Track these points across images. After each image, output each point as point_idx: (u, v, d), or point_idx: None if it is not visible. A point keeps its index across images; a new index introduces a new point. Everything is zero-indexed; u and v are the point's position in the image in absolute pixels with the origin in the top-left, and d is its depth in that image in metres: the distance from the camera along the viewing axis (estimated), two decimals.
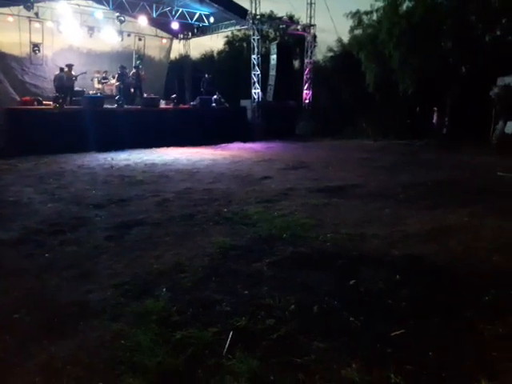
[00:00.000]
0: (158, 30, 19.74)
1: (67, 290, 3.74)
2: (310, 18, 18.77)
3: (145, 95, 16.35)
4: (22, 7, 14.60)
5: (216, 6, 16.64)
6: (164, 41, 20.50)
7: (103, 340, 2.99)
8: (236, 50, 27.36)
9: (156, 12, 16.46)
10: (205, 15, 17.63)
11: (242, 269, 4.21)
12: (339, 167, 10.54)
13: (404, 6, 17.46)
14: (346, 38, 21.06)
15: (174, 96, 17.49)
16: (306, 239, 5.01)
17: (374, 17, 18.46)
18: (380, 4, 17.74)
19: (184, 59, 22.49)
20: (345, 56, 20.64)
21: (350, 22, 19.02)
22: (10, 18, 15.29)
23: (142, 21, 16.53)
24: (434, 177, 8.99)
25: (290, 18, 25.17)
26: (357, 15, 18.69)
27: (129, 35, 18.26)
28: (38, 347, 2.92)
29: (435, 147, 14.55)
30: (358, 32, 19.17)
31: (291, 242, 4.88)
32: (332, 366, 2.68)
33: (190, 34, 21.06)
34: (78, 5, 15.87)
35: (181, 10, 16.88)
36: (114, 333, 3.07)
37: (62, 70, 14.73)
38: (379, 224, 5.68)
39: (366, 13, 18.56)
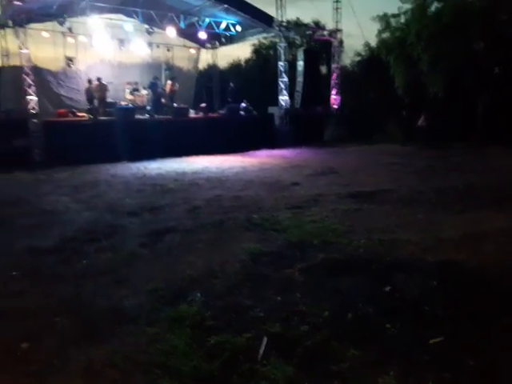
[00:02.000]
0: (186, 41, 20.08)
1: (103, 296, 3.84)
2: (337, 23, 18.68)
3: (175, 105, 16.65)
4: (56, 23, 15.16)
5: (242, 14, 16.81)
6: (192, 51, 20.83)
7: (139, 344, 3.05)
8: (263, 58, 27.52)
9: (184, 23, 16.77)
10: (231, 24, 17.83)
11: (273, 275, 4.20)
12: (369, 172, 10.41)
13: (432, 8, 17.17)
14: (373, 42, 20.88)
15: (202, 105, 17.73)
16: (337, 245, 4.96)
17: (402, 19, 18.21)
18: (408, 6, 17.51)
19: (212, 69, 22.78)
20: (372, 60, 20.42)
21: (377, 26, 18.83)
22: (45, 34, 15.89)
23: (171, 32, 16.86)
24: (467, 181, 8.74)
25: (316, 23, 25.18)
26: (384, 18, 18.48)
27: (158, 46, 18.65)
28: (76, 350, 3.00)
29: (465, 151, 14.16)
30: (385, 35, 18.94)
31: (323, 248, 4.84)
32: (368, 374, 2.64)
33: (217, 43, 21.32)
34: (110, 18, 16.35)
35: (208, 19, 17.13)
36: (149, 337, 3.12)
37: (90, 82, 15.20)
38: (412, 229, 5.56)
39: (394, 16, 18.33)
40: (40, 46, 15.45)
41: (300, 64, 18.74)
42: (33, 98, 12.90)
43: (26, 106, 12.87)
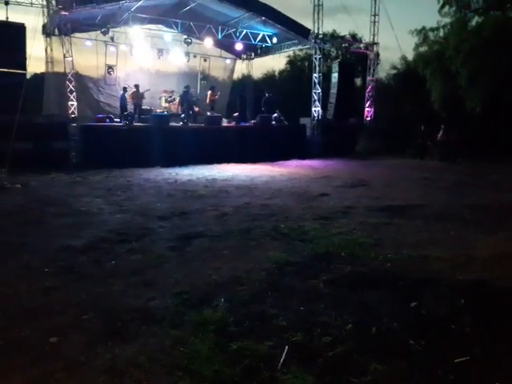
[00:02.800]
0: (223, 51, 20.47)
1: (131, 296, 3.93)
2: (374, 36, 18.61)
3: (208, 113, 16.95)
4: (99, 32, 15.79)
5: (279, 26, 17.00)
6: (228, 61, 21.20)
7: (163, 346, 3.10)
8: (297, 69, 27.68)
9: (221, 34, 17.11)
10: (268, 36, 18.05)
11: (298, 285, 4.20)
12: (401, 186, 10.24)
13: (473, 22, 16.88)
14: (409, 56, 20.65)
15: (235, 114, 17.97)
16: (365, 259, 4.90)
17: (441, 33, 17.99)
18: (447, 20, 17.29)
19: (246, 79, 23.09)
20: (408, 73, 20.18)
21: (414, 39, 18.67)
22: (89, 43, 16.57)
23: (208, 42, 17.25)
24: (502, 199, 8.46)
25: (353, 36, 25.16)
26: (422, 32, 18.30)
27: (195, 56, 19.13)
28: (103, 348, 3.09)
29: (505, 168, 13.70)
30: (423, 49, 18.73)
31: (349, 261, 4.80)
32: None
33: (252, 54, 21.63)
34: (150, 29, 16.90)
35: (245, 31, 17.42)
36: (173, 340, 3.17)
37: (125, 89, 15.68)
38: (443, 246, 5.44)
39: (432, 29, 18.13)
40: (82, 54, 16.12)
41: (334, 76, 18.73)
42: (73, 104, 13.43)
43: (67, 111, 13.41)
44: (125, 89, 15.71)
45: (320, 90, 17.76)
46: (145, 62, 17.72)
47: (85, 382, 2.70)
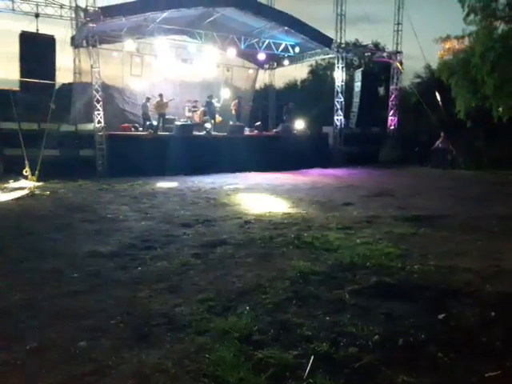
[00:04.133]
0: (245, 61, 20.65)
1: (157, 302, 3.98)
2: (397, 44, 18.50)
3: (231, 123, 17.09)
4: (124, 43, 16.16)
5: (302, 36, 17.07)
6: (250, 71, 21.36)
7: (188, 352, 3.12)
8: (319, 78, 27.70)
9: (244, 44, 17.29)
10: (290, 45, 18.14)
11: (323, 295, 4.16)
12: (426, 196, 10.08)
13: (499, 30, 16.57)
14: (433, 64, 20.42)
15: (258, 123, 18.07)
16: (390, 269, 4.83)
17: (466, 41, 17.71)
18: (473, 28, 17.01)
19: (268, 88, 23.21)
20: (433, 82, 19.93)
21: (438, 48, 18.44)
22: (115, 53, 16.97)
23: (231, 53, 17.44)
24: None
25: (376, 45, 25.01)
26: (447, 40, 18.05)
27: (218, 66, 19.34)
28: (129, 353, 3.13)
29: None
30: (447, 57, 18.47)
31: (375, 271, 4.74)
32: None
33: (275, 64, 21.75)
34: (174, 39, 17.22)
35: (267, 41, 17.56)
36: (198, 346, 3.19)
37: (148, 99, 15.95)
38: (471, 257, 5.32)
39: (457, 37, 17.87)
40: (109, 65, 16.47)
41: (357, 85, 18.67)
42: (100, 113, 13.75)
43: (94, 120, 13.73)
44: (148, 99, 15.99)
45: (342, 99, 17.72)
46: (169, 72, 18.02)
47: None
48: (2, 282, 4.44)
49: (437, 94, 16.19)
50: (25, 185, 10.53)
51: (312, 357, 3.01)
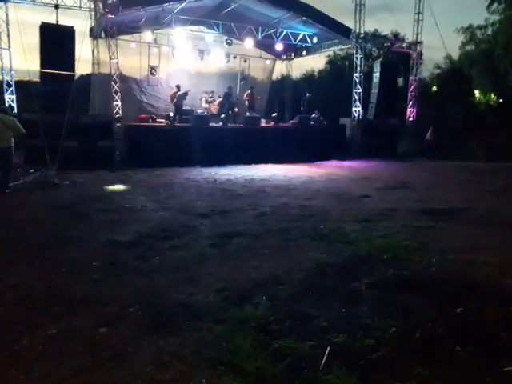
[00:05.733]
0: (263, 52, 20.54)
1: (174, 291, 4.03)
2: (417, 35, 18.13)
3: (247, 114, 17.06)
4: (142, 34, 16.23)
5: (320, 26, 16.87)
6: (267, 62, 21.24)
7: (205, 340, 3.17)
8: (337, 69, 27.40)
9: (261, 34, 17.18)
10: (308, 36, 17.96)
11: (339, 286, 4.16)
12: (445, 189, 9.94)
13: None
14: (454, 55, 20.01)
15: (274, 115, 18.00)
16: (408, 262, 4.80)
17: (489, 31, 17.36)
18: (496, 18, 16.63)
19: (285, 79, 23.07)
20: (453, 73, 19.57)
21: (460, 38, 18.17)
22: (133, 44, 17.06)
23: (248, 43, 17.36)
24: None
25: (395, 35, 24.64)
26: (469, 30, 17.77)
27: (235, 57, 19.29)
28: (148, 340, 3.19)
29: None
30: (469, 48, 18.13)
31: (392, 264, 4.71)
32: None
33: (292, 54, 21.58)
34: (191, 30, 17.21)
35: (285, 31, 17.41)
36: (215, 335, 3.23)
37: (186, 94, 15.87)
38: (490, 251, 5.24)
39: (480, 27, 17.55)
40: (127, 56, 16.58)
41: (376, 76, 18.40)
42: (118, 104, 13.87)
43: (112, 111, 13.87)
44: (185, 93, 15.84)
45: (361, 90, 17.51)
46: (186, 63, 18.04)
47: (132, 372, 2.79)
48: (25, 270, 4.56)
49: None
50: (45, 175, 10.73)
51: (328, 348, 3.02)
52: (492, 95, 16.59)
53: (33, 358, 2.94)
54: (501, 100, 16.22)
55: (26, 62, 11.99)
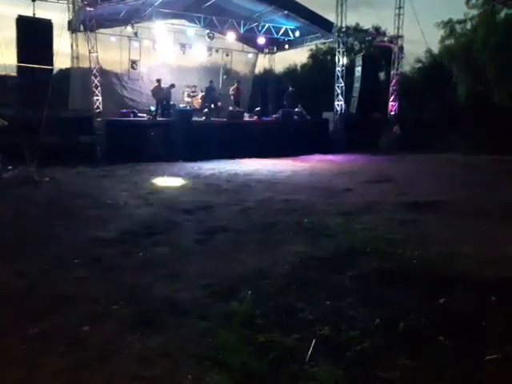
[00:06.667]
0: (245, 46, 20.42)
1: (159, 288, 4.00)
2: (398, 29, 18.23)
3: (230, 108, 16.98)
4: (122, 28, 15.96)
5: (302, 20, 16.85)
6: (250, 56, 21.13)
7: (191, 336, 3.16)
8: (320, 63, 27.44)
9: (243, 28, 17.07)
10: (290, 30, 17.92)
11: (323, 279, 4.19)
12: (426, 182, 10.07)
13: (502, 14, 16.40)
14: (435, 49, 20.24)
15: (257, 109, 17.94)
16: (391, 255, 4.85)
17: (468, 26, 17.56)
18: (475, 12, 16.84)
19: (268, 73, 23.00)
20: (434, 67, 19.83)
21: (440, 32, 18.27)
22: (113, 38, 16.76)
23: (230, 37, 17.24)
24: None
25: (377, 29, 24.77)
26: (449, 24, 17.91)
27: (217, 51, 19.13)
28: (132, 337, 3.16)
29: None
30: (449, 42, 18.33)
31: (375, 257, 4.76)
32: None
33: (275, 48, 21.51)
34: (172, 24, 16.99)
35: (267, 25, 17.33)
36: (200, 330, 3.23)
37: (172, 86, 15.80)
38: (472, 243, 5.34)
39: (459, 22, 17.71)
40: (107, 50, 16.29)
41: (358, 70, 18.49)
42: (98, 98, 13.65)
43: (92, 106, 13.63)
44: (172, 85, 15.81)
45: (343, 84, 17.57)
46: (167, 57, 17.81)
47: (118, 370, 2.77)
48: (4, 268, 4.46)
49: None
50: (24, 171, 10.49)
51: (313, 340, 3.04)
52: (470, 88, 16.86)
53: (14, 358, 2.88)
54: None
55: (3, 56, 11.69)
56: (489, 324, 3.27)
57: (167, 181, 10.10)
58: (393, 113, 18.54)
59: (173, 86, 15.83)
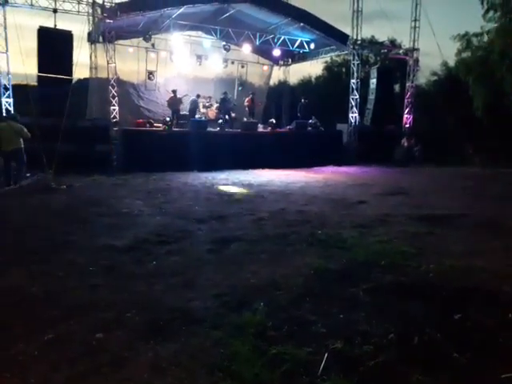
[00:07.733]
0: (260, 58, 20.61)
1: (171, 296, 4.01)
2: (414, 41, 18.23)
3: (244, 119, 17.09)
4: (140, 39, 16.26)
5: (318, 32, 16.95)
6: (265, 67, 21.30)
7: (203, 346, 3.15)
8: (334, 75, 27.54)
9: (259, 40, 17.25)
10: (306, 42, 18.04)
11: (337, 292, 4.15)
12: (442, 195, 9.95)
13: None
14: (451, 62, 20.16)
15: (271, 120, 18.03)
16: (405, 268, 4.79)
17: (485, 38, 17.47)
18: (492, 25, 16.76)
19: (282, 85, 23.15)
20: (450, 80, 19.72)
21: (456, 45, 18.22)
22: (130, 49, 17.08)
23: (246, 49, 17.42)
24: None
25: (392, 42, 24.80)
26: (465, 37, 17.86)
27: (232, 63, 19.35)
28: (145, 346, 3.17)
29: None
30: (465, 55, 18.25)
31: (390, 270, 4.70)
32: None
33: (290, 60, 21.67)
34: (189, 35, 17.26)
35: (283, 37, 17.48)
36: (213, 340, 3.22)
37: (198, 96, 16.52)
38: (488, 257, 5.24)
39: (476, 35, 17.66)
40: (124, 60, 16.59)
41: (373, 82, 18.49)
42: (115, 108, 13.87)
43: (109, 115, 13.86)
44: (198, 96, 16.40)
45: (358, 96, 17.58)
46: (184, 68, 18.07)
47: (130, 378, 2.77)
48: (20, 274, 4.53)
49: None
50: (41, 179, 10.68)
51: (326, 354, 3.01)
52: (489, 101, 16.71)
53: (29, 363, 2.91)
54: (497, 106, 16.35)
55: (24, 65, 12.01)
56: (506, 341, 3.20)
57: (182, 190, 10.15)
58: (407, 125, 18.45)
59: (198, 96, 16.24)
